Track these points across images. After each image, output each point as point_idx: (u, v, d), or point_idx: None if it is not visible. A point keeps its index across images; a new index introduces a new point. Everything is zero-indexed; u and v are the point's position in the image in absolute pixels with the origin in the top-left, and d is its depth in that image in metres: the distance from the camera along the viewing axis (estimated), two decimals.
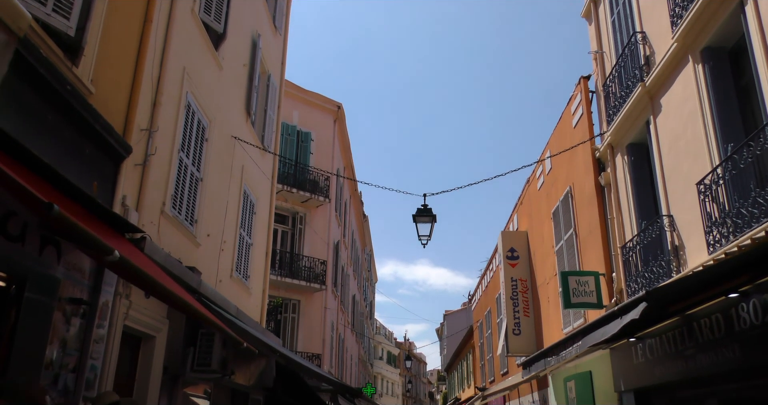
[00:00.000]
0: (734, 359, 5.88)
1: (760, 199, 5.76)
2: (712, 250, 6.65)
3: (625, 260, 9.14)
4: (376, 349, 53.28)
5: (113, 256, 3.37)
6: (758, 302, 5.50)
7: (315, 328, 20.43)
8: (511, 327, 15.17)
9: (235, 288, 10.91)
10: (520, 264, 15.87)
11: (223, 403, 10.79)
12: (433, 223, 10.67)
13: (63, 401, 5.29)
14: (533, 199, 15.44)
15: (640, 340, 8.16)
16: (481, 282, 25.04)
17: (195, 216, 8.78)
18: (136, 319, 6.83)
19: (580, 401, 11.05)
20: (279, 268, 19.34)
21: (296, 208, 20.78)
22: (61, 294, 5.26)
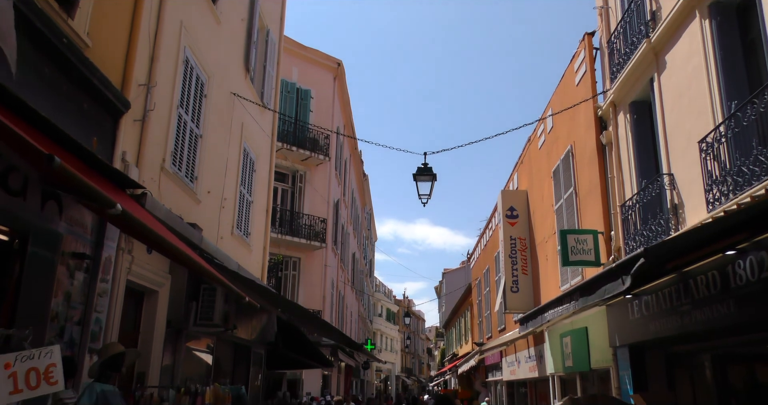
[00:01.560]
0: (729, 315, 5.97)
1: (762, 157, 5.74)
2: (711, 208, 6.67)
3: (624, 219, 9.18)
4: (376, 307, 54.09)
5: (115, 209, 3.39)
6: (755, 259, 5.55)
7: (315, 286, 20.69)
8: (509, 285, 15.35)
9: (236, 245, 10.99)
10: (520, 223, 15.94)
11: (226, 357, 11.03)
12: (433, 182, 10.67)
13: (69, 353, 5.40)
14: (534, 158, 15.39)
15: (636, 297, 8.27)
16: (480, 241, 25.22)
17: (195, 173, 8.78)
18: (139, 274, 6.90)
19: (575, 356, 11.27)
20: (279, 226, 19.45)
21: (296, 166, 20.75)
22: (63, 249, 5.31)
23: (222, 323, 8.46)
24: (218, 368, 10.17)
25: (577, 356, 11.18)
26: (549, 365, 13.35)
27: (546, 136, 13.98)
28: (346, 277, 27.68)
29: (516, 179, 17.79)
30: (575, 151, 11.62)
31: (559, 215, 12.54)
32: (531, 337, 14.96)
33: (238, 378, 11.17)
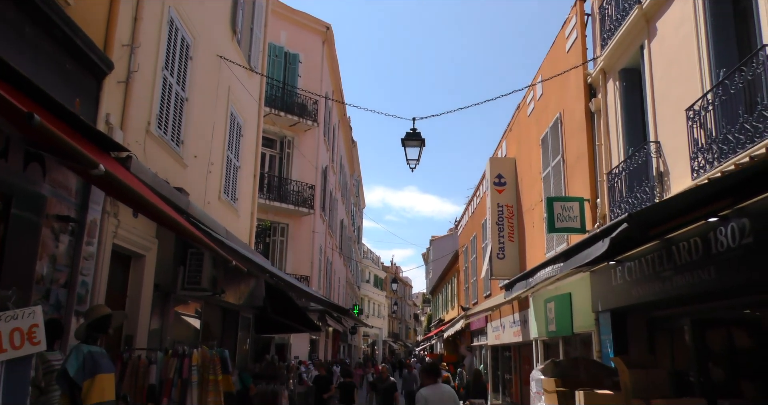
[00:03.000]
0: (709, 280, 6.08)
1: (747, 125, 5.77)
2: (696, 176, 6.73)
3: (610, 186, 9.25)
4: (364, 273, 54.52)
5: (98, 169, 3.35)
6: (736, 226, 5.63)
7: (303, 251, 20.76)
8: (495, 251, 15.50)
9: (224, 210, 10.97)
10: (507, 190, 16.01)
11: (215, 321, 11.11)
12: (421, 148, 10.64)
13: (56, 315, 5.41)
14: (523, 126, 15.37)
15: (620, 263, 8.39)
16: (468, 208, 25.34)
17: (181, 136, 8.69)
18: (125, 238, 6.88)
19: (558, 321, 11.48)
20: (267, 192, 19.40)
21: (284, 131, 20.58)
22: (48, 211, 5.28)
23: (210, 287, 8.50)
24: (206, 332, 10.26)
25: (560, 321, 11.38)
26: (533, 330, 13.60)
27: (535, 103, 13.94)
28: (334, 243, 27.79)
29: (504, 147, 17.79)
30: (564, 118, 11.61)
31: (546, 183, 12.60)
32: (516, 302, 15.19)
33: (227, 342, 11.28)
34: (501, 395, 19.83)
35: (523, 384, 16.49)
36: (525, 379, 15.56)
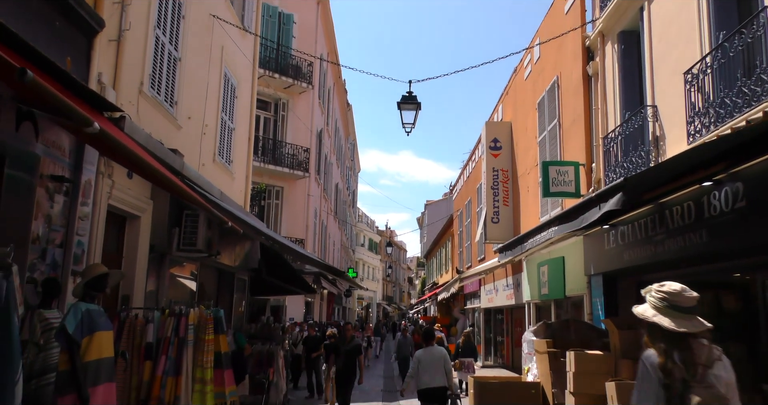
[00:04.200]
0: (701, 244, 6.15)
1: (745, 89, 5.74)
2: (692, 140, 6.73)
3: (605, 151, 9.24)
4: (358, 236, 54.79)
5: (93, 127, 3.32)
6: (730, 190, 5.66)
7: (298, 215, 20.80)
8: (490, 216, 15.58)
9: (218, 172, 10.93)
10: (503, 154, 15.99)
11: (210, 282, 11.20)
12: (417, 111, 10.58)
13: (53, 274, 5.44)
14: (519, 89, 15.25)
15: (613, 227, 8.45)
16: (463, 172, 25.34)
17: (175, 97, 8.59)
18: (120, 198, 6.88)
19: (551, 284, 11.63)
20: (262, 155, 19.31)
21: (279, 94, 20.36)
22: (41, 171, 5.25)
23: (205, 249, 8.54)
24: (202, 293, 10.35)
25: (553, 284, 11.53)
26: (525, 293, 13.78)
27: (532, 66, 13.80)
28: (329, 207, 27.84)
29: (501, 111, 17.69)
30: (561, 81, 11.52)
31: (542, 147, 12.58)
32: (509, 266, 15.35)
33: (222, 303, 11.38)
34: (493, 357, 20.23)
35: (514, 346, 16.81)
36: (517, 341, 15.85)
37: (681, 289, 2.97)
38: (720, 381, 2.73)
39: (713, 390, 2.68)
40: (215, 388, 6.11)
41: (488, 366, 19.17)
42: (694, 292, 2.98)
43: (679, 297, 2.94)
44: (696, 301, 2.95)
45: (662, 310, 2.95)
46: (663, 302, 2.96)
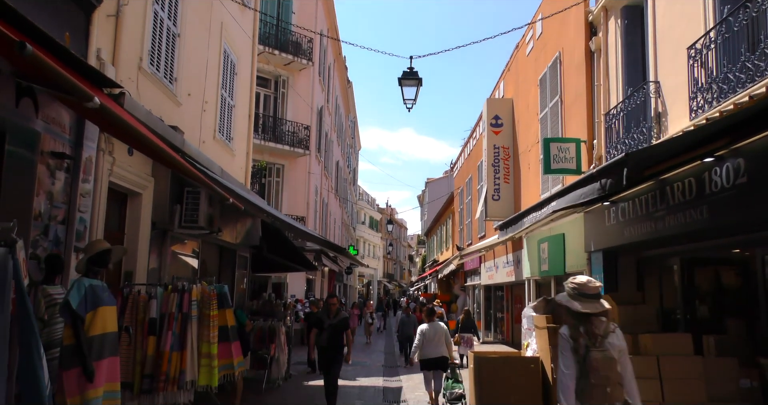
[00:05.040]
0: (701, 220, 6.16)
1: (749, 64, 5.70)
2: (694, 116, 6.70)
3: (607, 127, 9.20)
4: (359, 214, 54.88)
5: (93, 102, 3.30)
6: (731, 166, 5.65)
7: (299, 192, 20.81)
8: (490, 193, 15.58)
9: (219, 149, 10.91)
10: (504, 131, 15.93)
11: (212, 259, 11.26)
12: (418, 87, 10.52)
13: (56, 250, 5.47)
14: (521, 66, 15.13)
15: (613, 204, 8.46)
16: (464, 150, 25.27)
17: (174, 74, 8.54)
18: (121, 175, 6.88)
19: (551, 261, 11.68)
20: (262, 133, 19.25)
21: (279, 70, 20.22)
22: (42, 148, 5.24)
23: (207, 226, 8.56)
24: (204, 270, 10.41)
25: (553, 261, 11.58)
26: (525, 270, 13.85)
27: (535, 42, 13.67)
28: (329, 184, 27.83)
29: (502, 87, 17.57)
30: (563, 57, 11.43)
31: (543, 124, 12.53)
32: (510, 243, 15.40)
33: (224, 280, 11.45)
34: (493, 332, 20.42)
35: (514, 322, 16.95)
36: (516, 317, 15.97)
37: (587, 280, 4.04)
38: (613, 347, 3.85)
39: (607, 352, 3.82)
40: (221, 361, 6.19)
41: (488, 342, 19.36)
42: (598, 283, 4.06)
43: (585, 287, 3.99)
44: (598, 289, 4.01)
45: (573, 296, 3.99)
46: (574, 291, 4.01)
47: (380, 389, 11.02)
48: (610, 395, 3.76)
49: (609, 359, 3.81)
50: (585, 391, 3.80)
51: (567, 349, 3.94)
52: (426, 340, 9.13)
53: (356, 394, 10.40)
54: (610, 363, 3.80)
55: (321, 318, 8.77)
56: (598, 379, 3.78)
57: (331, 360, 8.44)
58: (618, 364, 3.84)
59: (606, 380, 3.78)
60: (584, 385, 3.81)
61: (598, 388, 3.77)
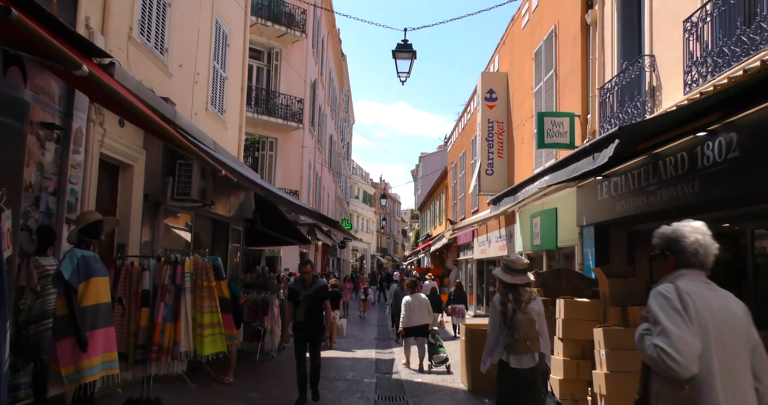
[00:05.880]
0: (693, 194, 6.19)
1: (744, 37, 5.67)
2: (689, 90, 6.68)
3: (601, 101, 9.17)
4: (353, 189, 54.86)
5: (82, 70, 3.25)
6: (724, 140, 5.66)
7: (292, 166, 20.75)
8: (484, 167, 15.57)
9: (211, 122, 10.83)
10: (498, 106, 15.86)
11: (205, 232, 11.26)
12: (412, 60, 10.45)
13: (47, 221, 5.45)
14: (516, 39, 14.99)
15: (606, 178, 8.48)
16: (458, 124, 25.19)
17: (165, 44, 8.42)
18: (112, 147, 6.83)
19: (543, 235, 11.75)
20: (255, 106, 19.09)
21: (272, 43, 19.97)
22: (31, 118, 5.19)
23: (199, 198, 8.55)
24: (197, 243, 10.42)
25: (545, 235, 11.65)
26: (518, 244, 13.93)
27: (530, 15, 13.53)
28: (323, 158, 27.74)
29: (497, 61, 17.44)
30: (559, 31, 11.33)
31: (538, 98, 12.48)
32: (502, 217, 15.45)
33: (217, 253, 11.48)
34: (485, 306, 20.61)
35: None
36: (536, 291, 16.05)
37: (517, 258, 5.07)
38: (534, 311, 4.91)
39: (528, 315, 4.85)
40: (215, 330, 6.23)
41: (480, 315, 19.56)
42: (525, 260, 5.11)
43: (515, 264, 5.00)
44: (525, 266, 5.03)
45: (506, 270, 5.01)
46: (506, 266, 5.03)
47: (373, 361, 11.15)
48: (529, 347, 4.79)
49: (530, 320, 4.84)
50: (511, 344, 4.80)
51: (496, 313, 4.97)
52: (411, 309, 10.25)
53: (349, 366, 10.53)
54: (530, 323, 4.83)
55: (295, 289, 7.55)
56: (520, 335, 4.77)
57: (311, 336, 7.39)
58: (536, 324, 4.87)
59: (526, 336, 4.79)
60: (511, 339, 4.80)
61: (520, 342, 4.78)
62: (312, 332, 7.39)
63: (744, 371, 2.47)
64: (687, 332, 2.41)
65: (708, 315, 2.48)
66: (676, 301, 2.50)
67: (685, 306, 2.48)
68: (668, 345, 2.38)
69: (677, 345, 2.38)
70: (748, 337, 2.56)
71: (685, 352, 2.37)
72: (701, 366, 2.40)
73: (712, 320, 2.47)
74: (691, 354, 2.38)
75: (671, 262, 2.71)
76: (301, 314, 7.34)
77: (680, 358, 2.35)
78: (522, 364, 4.78)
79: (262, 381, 8.47)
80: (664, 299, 2.52)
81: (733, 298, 2.66)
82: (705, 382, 2.40)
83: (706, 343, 2.43)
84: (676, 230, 2.73)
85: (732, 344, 2.49)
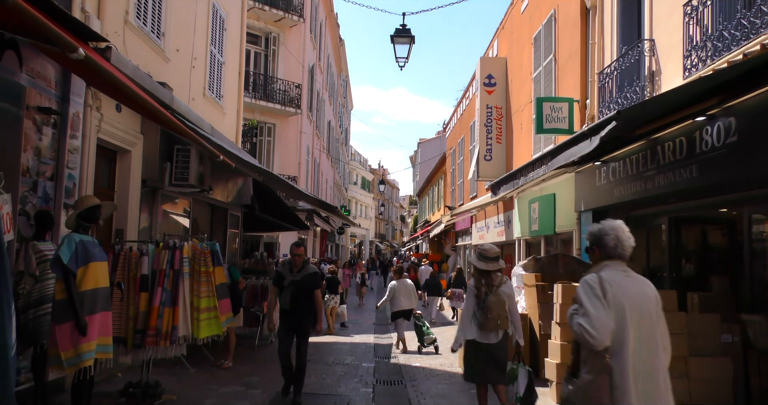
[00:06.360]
0: (691, 179, 6.19)
1: (745, 21, 5.64)
2: (688, 74, 6.65)
3: (600, 86, 9.14)
4: (351, 175, 54.81)
5: (78, 53, 3.23)
6: (723, 125, 5.65)
7: (291, 152, 20.69)
8: (483, 153, 15.55)
9: (209, 107, 10.79)
10: (497, 91, 15.80)
11: (203, 218, 11.27)
12: (411, 45, 10.37)
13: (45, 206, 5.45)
14: (515, 24, 14.90)
15: (604, 163, 8.48)
16: (457, 110, 25.11)
17: (162, 28, 8.36)
18: (110, 132, 6.81)
19: (541, 221, 11.77)
20: (253, 91, 19.00)
21: (269, 27, 19.83)
22: (28, 102, 5.16)
23: (198, 184, 8.53)
24: (196, 229, 10.43)
25: (543, 221, 11.66)
26: (516, 230, 13.96)
27: None
28: (321, 144, 27.68)
29: (496, 46, 17.35)
30: (558, 15, 11.25)
31: (537, 83, 12.43)
32: (501, 203, 15.47)
33: (216, 239, 11.49)
34: None
35: None
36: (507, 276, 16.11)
37: (489, 247, 5.72)
38: (504, 293, 5.57)
39: (499, 297, 5.51)
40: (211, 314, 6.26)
41: None
42: (496, 248, 5.75)
43: (487, 252, 5.65)
44: (497, 254, 5.68)
45: (479, 257, 5.64)
46: (479, 254, 5.66)
47: (371, 346, 11.22)
48: (500, 325, 5.50)
49: (500, 301, 5.52)
50: (483, 323, 5.48)
51: (471, 296, 5.64)
52: (397, 294, 10.94)
53: (348, 351, 10.59)
54: (500, 304, 5.51)
55: (282, 273, 6.68)
56: (492, 314, 5.44)
57: (297, 328, 6.49)
58: (506, 305, 5.57)
59: (498, 315, 5.47)
60: (483, 318, 5.48)
61: (492, 320, 5.45)
62: (298, 323, 6.48)
63: (655, 340, 3.10)
64: (603, 314, 3.02)
65: (625, 298, 3.07)
66: (597, 288, 3.09)
67: (605, 292, 3.07)
68: (588, 323, 3.01)
69: (594, 324, 3.00)
70: (658, 314, 3.15)
71: (600, 330, 2.99)
72: (617, 339, 3.03)
73: (628, 302, 3.07)
74: (604, 331, 3.00)
75: (597, 255, 3.31)
76: (286, 301, 6.50)
77: (596, 334, 2.98)
78: (490, 339, 5.52)
79: (260, 365, 8.53)
80: (589, 287, 3.12)
81: (647, 284, 3.23)
82: (620, 351, 3.03)
83: (621, 321, 3.04)
84: (600, 229, 3.31)
85: (645, 320, 3.09)
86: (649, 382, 3.06)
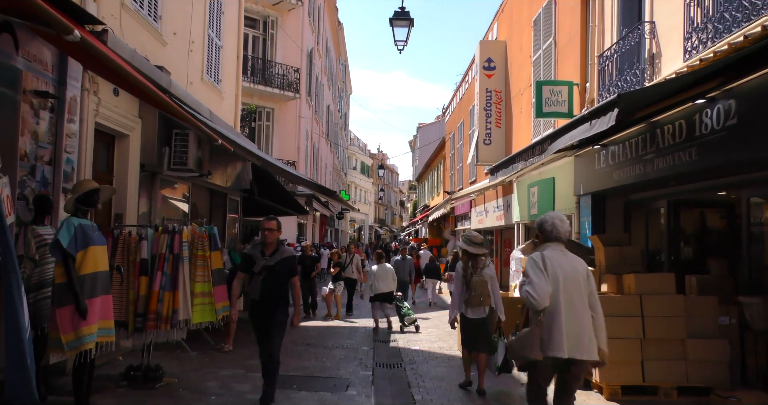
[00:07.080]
0: (690, 162, 6.18)
1: (746, 2, 5.59)
2: (688, 57, 6.61)
3: (600, 69, 9.08)
4: (350, 160, 54.71)
5: (73, 35, 3.20)
6: (722, 107, 5.62)
7: (289, 136, 20.64)
8: (482, 137, 15.52)
9: (207, 91, 10.74)
10: (497, 75, 15.72)
11: (202, 203, 11.26)
12: (410, 28, 10.31)
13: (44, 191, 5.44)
14: (515, 6, 14.79)
15: (604, 147, 8.46)
16: (456, 94, 25.00)
17: (159, 11, 8.30)
18: (108, 116, 6.78)
19: (540, 205, 11.77)
20: (251, 75, 18.90)
21: (267, 10, 19.67)
22: (24, 86, 5.14)
23: (196, 168, 8.51)
24: (195, 214, 10.42)
25: (542, 205, 11.67)
26: (515, 214, 13.97)
27: None
28: (320, 129, 27.59)
29: (496, 29, 17.23)
30: None
31: (536, 66, 12.36)
32: (500, 188, 15.47)
33: (215, 223, 11.48)
34: None
35: (503, 266, 17.20)
36: (506, 261, 16.20)
37: (476, 234, 6.59)
38: (487, 275, 6.39)
39: (482, 278, 6.35)
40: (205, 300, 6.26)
41: None
42: (481, 236, 6.64)
43: (475, 238, 6.51)
44: (482, 240, 6.56)
45: (467, 242, 6.49)
46: (467, 239, 6.51)
47: (371, 329, 11.27)
48: (482, 302, 6.35)
49: (483, 281, 6.35)
50: (468, 300, 6.37)
51: (459, 278, 6.52)
52: (377, 278, 11.35)
53: (347, 334, 10.65)
54: (483, 284, 6.35)
55: (251, 256, 5.61)
56: (476, 293, 6.31)
57: (268, 322, 5.49)
58: (488, 285, 6.37)
59: (480, 294, 6.32)
60: (468, 296, 6.36)
61: (475, 298, 6.32)
62: (269, 316, 5.49)
63: (582, 305, 4.05)
64: (543, 282, 3.95)
65: (559, 271, 4.02)
66: (540, 263, 4.04)
67: (545, 266, 4.02)
68: (532, 289, 3.93)
69: (536, 289, 3.92)
70: (585, 284, 4.12)
71: (540, 293, 3.92)
72: (552, 301, 3.97)
73: (561, 274, 4.02)
74: (544, 294, 3.93)
75: (541, 238, 4.29)
76: (255, 291, 5.50)
77: (537, 297, 3.91)
78: (476, 314, 6.42)
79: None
80: (534, 262, 4.06)
81: (579, 260, 4.22)
82: (554, 311, 3.98)
83: (555, 288, 3.98)
84: (542, 218, 4.27)
85: (574, 288, 4.04)
86: (576, 336, 3.96)
